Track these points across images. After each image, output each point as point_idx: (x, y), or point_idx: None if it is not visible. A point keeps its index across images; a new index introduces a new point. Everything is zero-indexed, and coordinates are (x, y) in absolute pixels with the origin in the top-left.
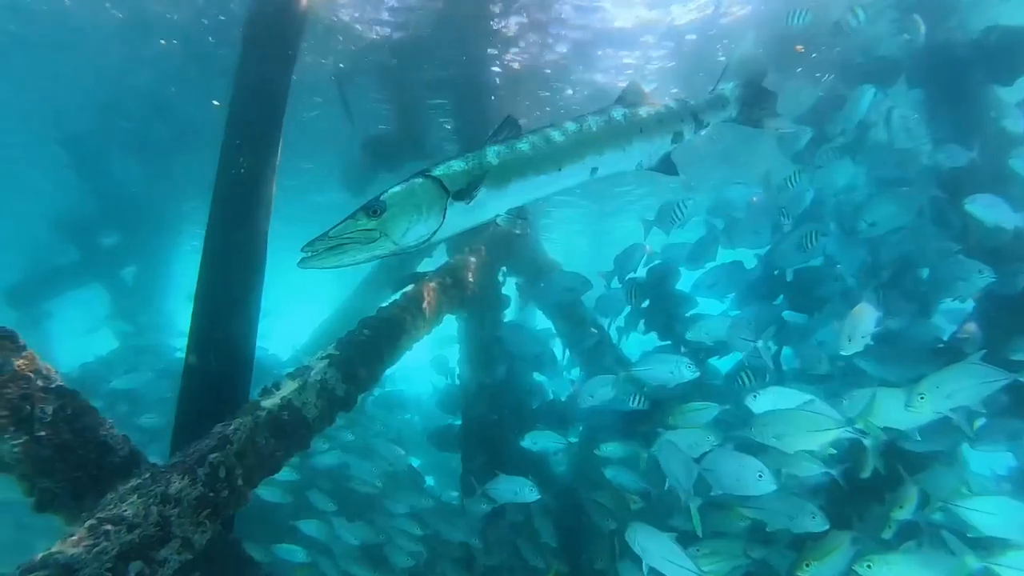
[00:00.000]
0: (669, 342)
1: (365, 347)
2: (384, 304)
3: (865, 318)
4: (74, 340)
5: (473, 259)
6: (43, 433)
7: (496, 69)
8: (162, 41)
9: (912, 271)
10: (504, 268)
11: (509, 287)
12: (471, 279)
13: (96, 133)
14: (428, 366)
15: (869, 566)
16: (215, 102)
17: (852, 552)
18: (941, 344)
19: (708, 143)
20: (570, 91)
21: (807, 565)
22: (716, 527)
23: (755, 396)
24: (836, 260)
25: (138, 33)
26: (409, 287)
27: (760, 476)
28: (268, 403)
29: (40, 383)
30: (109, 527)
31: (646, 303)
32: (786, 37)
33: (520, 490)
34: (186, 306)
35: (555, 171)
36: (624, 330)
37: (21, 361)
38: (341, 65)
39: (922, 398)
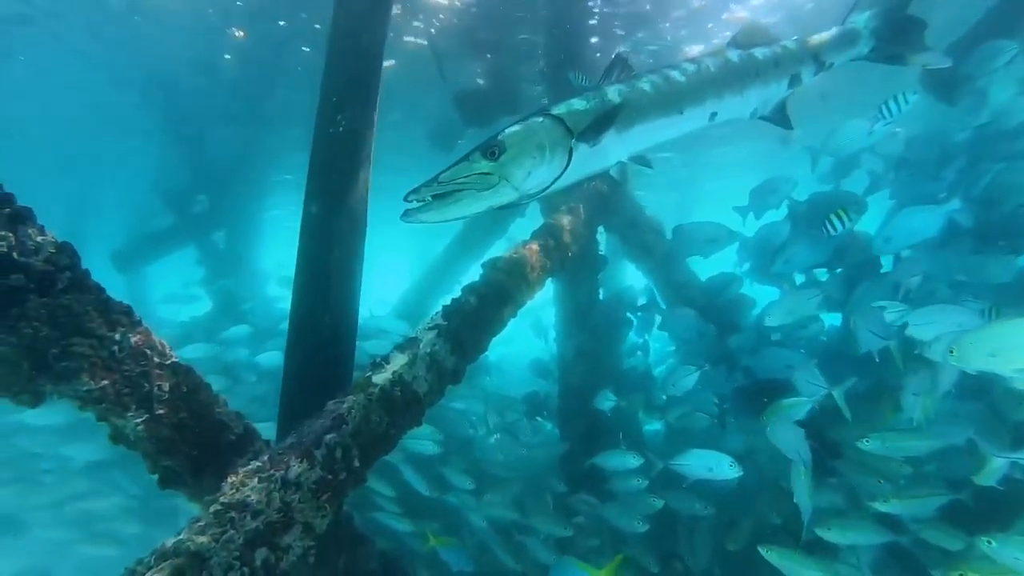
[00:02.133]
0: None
1: (472, 316)
2: (482, 268)
3: None
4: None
5: (571, 218)
6: (161, 411)
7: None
8: None
9: None
10: (602, 227)
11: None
12: (571, 240)
13: (189, 94)
14: (527, 331)
15: (990, 542)
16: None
17: None
18: None
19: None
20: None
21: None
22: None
23: None
24: None
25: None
26: (511, 250)
27: None
28: (380, 379)
29: (156, 359)
30: (234, 514)
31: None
32: None
33: (717, 465)
34: (272, 271)
35: (677, 114)
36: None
37: (137, 336)
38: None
39: None
